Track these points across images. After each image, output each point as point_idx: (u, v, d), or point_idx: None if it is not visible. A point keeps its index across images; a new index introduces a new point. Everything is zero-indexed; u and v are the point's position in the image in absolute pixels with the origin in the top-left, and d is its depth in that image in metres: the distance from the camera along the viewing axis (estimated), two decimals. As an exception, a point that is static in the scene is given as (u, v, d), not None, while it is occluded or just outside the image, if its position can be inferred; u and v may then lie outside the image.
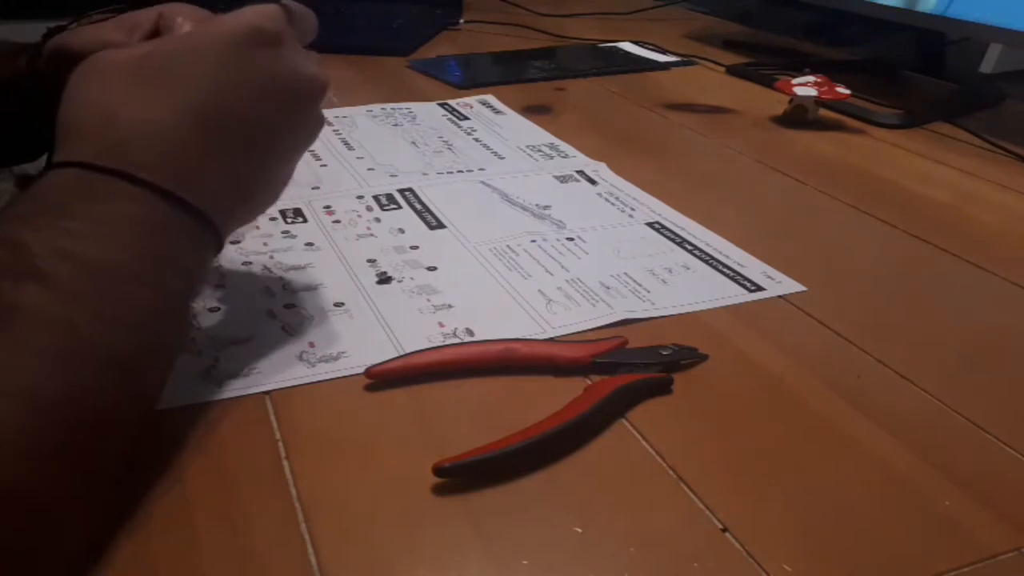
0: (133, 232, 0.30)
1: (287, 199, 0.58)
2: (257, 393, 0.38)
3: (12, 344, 0.26)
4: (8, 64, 0.47)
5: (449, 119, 0.78)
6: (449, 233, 0.55)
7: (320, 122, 0.40)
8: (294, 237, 0.53)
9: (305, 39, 0.39)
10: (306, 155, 0.66)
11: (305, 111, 0.38)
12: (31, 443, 0.25)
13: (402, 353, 0.41)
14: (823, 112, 0.82)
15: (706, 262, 0.52)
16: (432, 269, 0.50)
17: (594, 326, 0.45)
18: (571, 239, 0.54)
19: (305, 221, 0.55)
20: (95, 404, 0.28)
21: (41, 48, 0.45)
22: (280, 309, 0.45)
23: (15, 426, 0.25)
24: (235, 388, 0.38)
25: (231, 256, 0.50)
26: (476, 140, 0.72)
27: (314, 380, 0.39)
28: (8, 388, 0.25)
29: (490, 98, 0.84)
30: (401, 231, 0.55)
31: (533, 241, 0.54)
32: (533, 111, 0.81)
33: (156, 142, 0.32)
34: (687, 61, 1.03)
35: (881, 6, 0.88)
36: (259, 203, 0.39)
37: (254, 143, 0.35)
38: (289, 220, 0.55)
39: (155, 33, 0.40)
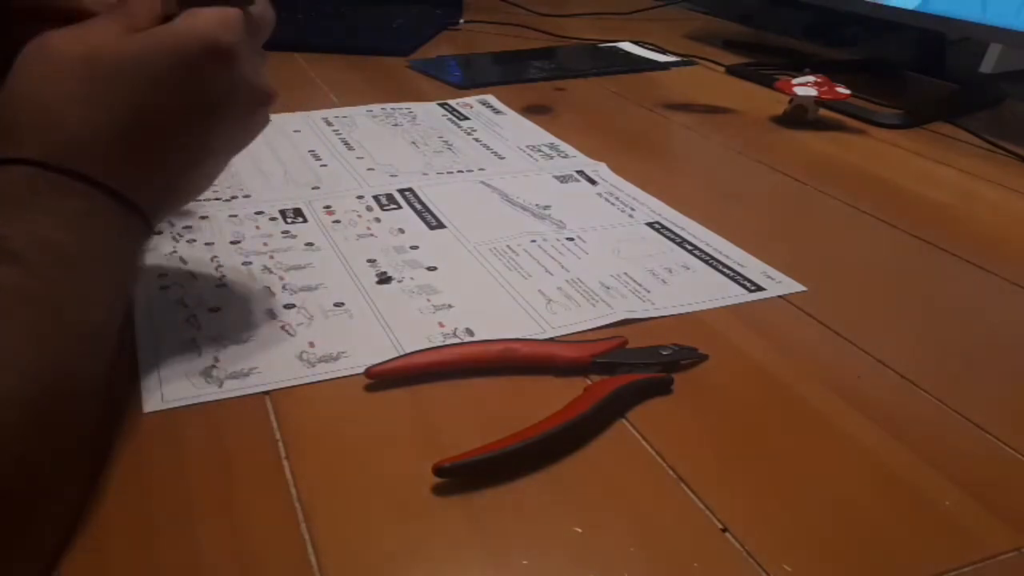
0: (92, 224, 0.32)
1: (287, 199, 0.58)
2: (257, 393, 0.38)
3: None
4: None
5: (449, 119, 0.78)
6: (449, 233, 0.55)
7: (264, 123, 0.39)
8: (294, 237, 0.53)
9: (262, 37, 0.38)
10: (306, 155, 0.67)
11: (252, 120, 0.38)
12: (19, 407, 0.27)
13: (402, 353, 0.41)
14: (823, 112, 0.82)
15: (706, 262, 0.52)
16: (432, 269, 0.50)
17: (594, 326, 0.45)
18: (571, 239, 0.54)
19: (305, 221, 0.55)
20: (75, 372, 0.30)
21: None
22: (280, 309, 0.45)
23: (1, 391, 0.27)
24: (235, 388, 0.38)
25: (231, 256, 0.50)
26: (476, 140, 0.72)
27: (314, 380, 0.39)
28: None
29: (490, 98, 0.84)
30: (401, 231, 0.55)
31: (533, 241, 0.54)
32: (533, 111, 0.81)
33: (104, 146, 0.33)
34: (687, 61, 1.03)
35: (881, 6, 0.88)
36: (190, 196, 0.40)
37: (193, 148, 0.36)
38: (289, 220, 0.55)
39: None
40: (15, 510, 0.27)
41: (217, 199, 0.57)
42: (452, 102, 0.82)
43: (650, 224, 0.57)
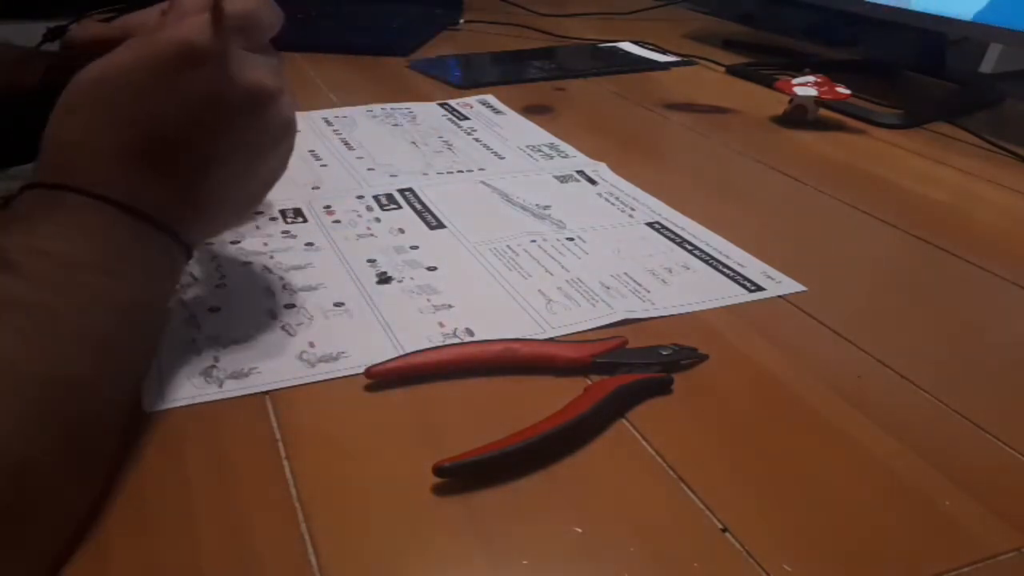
0: (89, 233, 0.33)
1: (287, 199, 0.58)
2: (257, 393, 0.38)
3: None
4: (29, 72, 0.49)
5: (449, 119, 0.78)
6: (449, 233, 0.55)
7: (286, 126, 0.38)
8: (294, 237, 0.53)
9: (262, 35, 0.38)
10: (306, 155, 0.66)
11: (256, 119, 0.37)
12: (16, 412, 0.27)
13: (402, 353, 0.41)
14: (823, 112, 0.82)
15: (706, 262, 0.52)
16: (432, 269, 0.50)
17: (594, 326, 0.45)
18: (571, 239, 0.54)
19: (305, 221, 0.55)
20: (75, 379, 0.30)
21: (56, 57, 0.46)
22: (280, 309, 0.45)
23: None
24: (235, 388, 0.38)
25: (231, 256, 0.50)
26: (476, 140, 0.72)
27: (314, 380, 0.39)
28: None
29: (490, 98, 0.84)
30: (401, 231, 0.55)
31: (533, 241, 0.54)
32: (533, 111, 0.81)
33: (96, 160, 0.34)
34: (687, 61, 1.03)
35: (881, 6, 0.88)
36: (232, 210, 0.40)
37: (199, 153, 0.36)
38: (289, 220, 0.55)
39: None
40: (12, 514, 0.27)
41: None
42: (452, 102, 0.82)
43: (650, 224, 0.57)
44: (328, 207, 0.58)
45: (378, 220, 0.56)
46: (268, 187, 0.41)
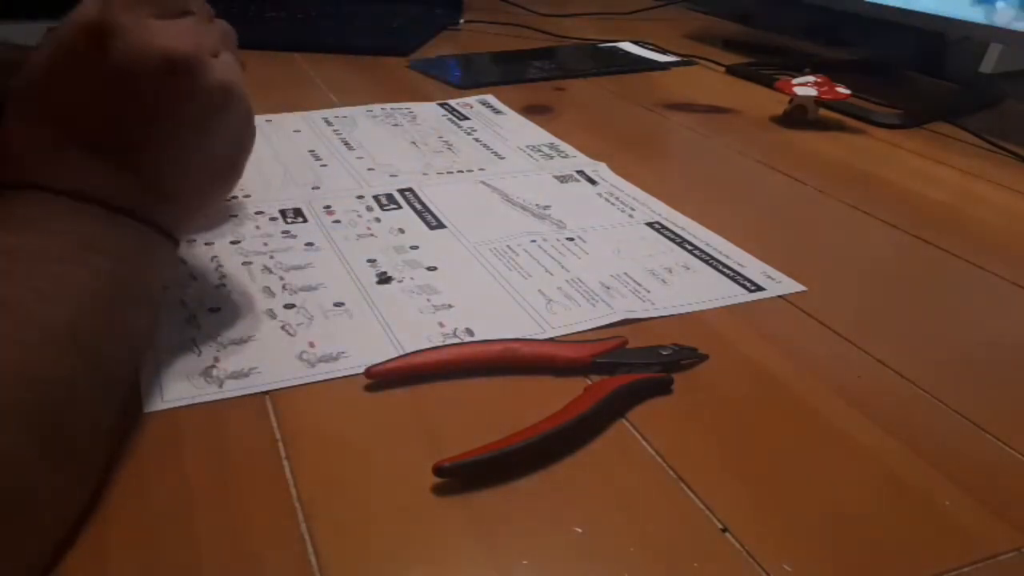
0: (44, 224, 0.32)
1: (287, 199, 0.58)
2: (257, 393, 0.38)
3: None
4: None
5: (449, 119, 0.78)
6: (449, 233, 0.55)
7: (221, 90, 0.36)
8: (294, 237, 0.53)
9: (174, 2, 0.37)
10: (306, 155, 0.67)
11: (177, 87, 0.35)
12: None
13: (402, 353, 0.41)
14: (823, 112, 0.83)
15: (706, 262, 0.52)
16: (432, 269, 0.50)
17: (594, 326, 0.45)
18: (571, 239, 0.54)
19: (305, 221, 0.55)
20: (48, 374, 0.29)
21: None
22: (280, 309, 0.45)
23: None
24: (235, 388, 0.38)
25: (231, 256, 0.50)
26: (476, 140, 0.72)
27: (314, 380, 0.39)
28: None
29: (490, 98, 0.84)
30: (401, 231, 0.55)
31: (533, 241, 0.54)
32: (533, 111, 0.81)
33: (39, 155, 0.34)
34: (687, 61, 1.03)
35: (881, 6, 0.88)
36: (199, 187, 0.39)
37: (135, 132, 0.35)
38: (289, 220, 0.55)
39: None
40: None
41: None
42: (452, 102, 0.82)
43: (650, 224, 0.57)
44: (328, 207, 0.58)
45: (378, 220, 0.56)
46: (236, 161, 0.40)
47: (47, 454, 0.28)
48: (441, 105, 0.81)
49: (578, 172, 0.66)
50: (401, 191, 0.61)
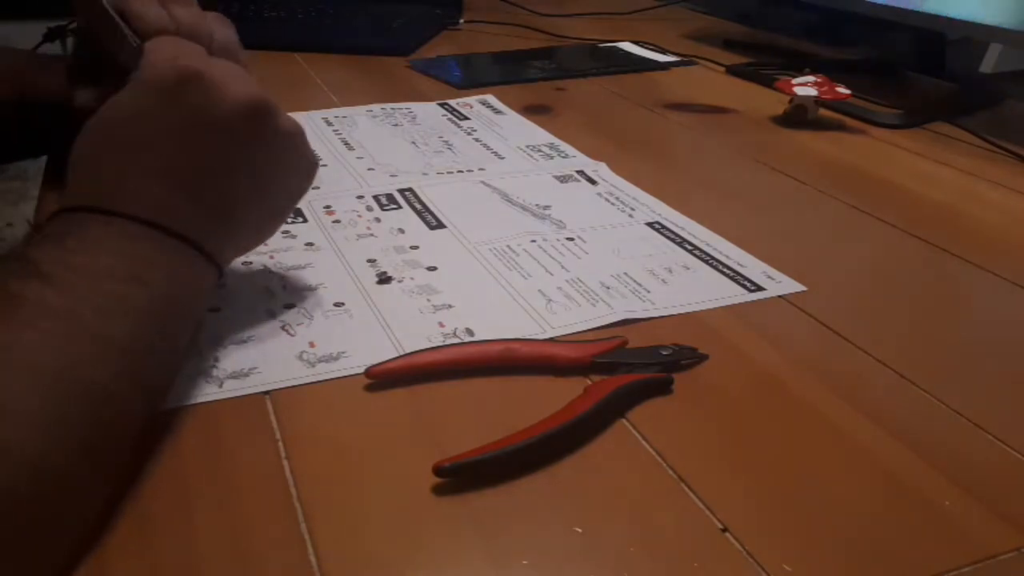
0: (113, 246, 0.34)
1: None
2: (257, 393, 0.38)
3: (18, 327, 0.30)
4: (52, 78, 0.51)
5: (449, 119, 0.78)
6: (449, 233, 0.55)
7: (288, 135, 0.40)
8: (294, 237, 0.53)
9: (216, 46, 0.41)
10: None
11: (257, 129, 0.38)
12: (37, 411, 0.28)
13: (402, 353, 0.41)
14: (823, 112, 0.82)
15: (706, 262, 0.52)
16: (432, 269, 0.50)
17: (594, 326, 0.45)
18: (571, 239, 0.54)
19: (305, 221, 0.55)
20: (94, 379, 0.31)
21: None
22: (280, 309, 0.45)
23: (20, 395, 0.28)
24: (235, 388, 0.38)
25: (231, 256, 0.50)
26: (476, 140, 0.72)
27: (314, 380, 0.39)
28: (14, 363, 0.29)
29: (490, 98, 0.84)
30: (401, 231, 0.55)
31: (533, 241, 0.54)
32: (533, 111, 0.81)
33: (119, 184, 0.36)
34: (687, 61, 1.03)
35: (881, 6, 0.88)
36: (256, 223, 0.42)
37: (213, 171, 0.37)
38: (289, 220, 0.55)
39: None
40: (29, 512, 0.27)
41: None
42: (452, 102, 0.82)
43: (650, 224, 0.57)
44: (328, 207, 0.58)
45: (378, 220, 0.56)
46: (292, 202, 0.43)
47: (81, 461, 0.30)
48: (441, 105, 0.81)
49: (578, 172, 0.66)
50: (401, 191, 0.61)
